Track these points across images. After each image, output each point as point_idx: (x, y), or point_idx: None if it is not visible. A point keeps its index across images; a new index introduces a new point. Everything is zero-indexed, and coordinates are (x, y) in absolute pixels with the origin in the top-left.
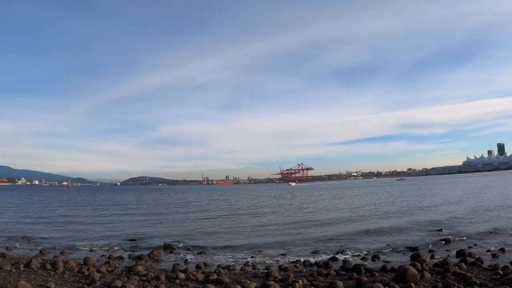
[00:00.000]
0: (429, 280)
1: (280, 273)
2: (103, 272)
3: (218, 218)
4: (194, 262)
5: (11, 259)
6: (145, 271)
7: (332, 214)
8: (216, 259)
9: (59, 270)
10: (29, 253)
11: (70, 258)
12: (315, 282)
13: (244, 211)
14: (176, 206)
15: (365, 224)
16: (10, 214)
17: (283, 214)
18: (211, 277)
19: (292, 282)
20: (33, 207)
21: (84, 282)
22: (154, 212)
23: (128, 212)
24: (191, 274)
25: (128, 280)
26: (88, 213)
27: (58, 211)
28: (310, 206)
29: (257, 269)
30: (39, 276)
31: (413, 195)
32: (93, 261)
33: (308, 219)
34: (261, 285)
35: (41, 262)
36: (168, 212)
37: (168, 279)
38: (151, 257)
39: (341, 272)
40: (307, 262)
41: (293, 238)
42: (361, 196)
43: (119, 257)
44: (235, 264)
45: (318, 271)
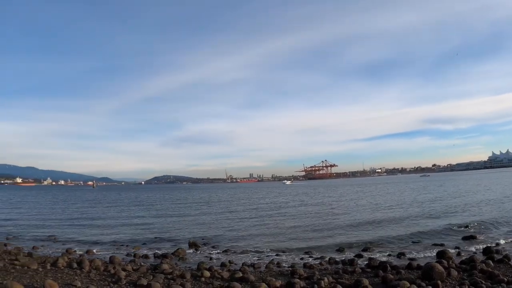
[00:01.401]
0: (455, 277)
1: (305, 270)
2: (129, 270)
3: (242, 216)
4: (219, 260)
5: (37, 258)
6: (170, 269)
7: (355, 211)
8: (241, 257)
9: (85, 268)
10: (55, 252)
11: (96, 257)
12: (341, 280)
13: (268, 208)
14: (200, 204)
15: (389, 221)
16: (36, 214)
17: (307, 212)
18: (236, 275)
19: (318, 279)
20: (58, 206)
21: (110, 281)
22: (178, 211)
23: (153, 211)
24: (216, 272)
25: (153, 279)
26: (113, 212)
27: (83, 210)
28: (333, 203)
29: (282, 267)
30: (66, 275)
31: (436, 191)
32: (118, 260)
33: (332, 216)
34: (286, 283)
35: (67, 261)
36: (193, 210)
37: (194, 277)
38: (176, 255)
39: (366, 269)
40: (332, 259)
41: (318, 235)
42: (383, 193)
43: (144, 256)
44: (260, 262)
45: (344, 268)
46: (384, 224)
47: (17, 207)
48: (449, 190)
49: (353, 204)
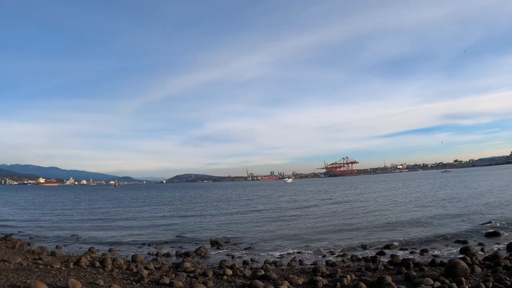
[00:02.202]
0: (479, 274)
1: (327, 268)
2: (151, 269)
3: (264, 213)
4: (241, 258)
5: (61, 257)
6: (192, 268)
7: (377, 207)
8: (263, 255)
9: (107, 267)
10: (78, 251)
11: (118, 255)
12: (363, 277)
13: (288, 206)
14: (222, 202)
15: (411, 217)
16: (59, 214)
17: (328, 209)
18: (259, 273)
19: (340, 277)
20: (81, 206)
21: (132, 279)
22: (200, 209)
23: (175, 209)
24: (239, 270)
25: (175, 277)
26: (135, 211)
27: (105, 209)
28: (354, 200)
29: (305, 264)
30: (88, 274)
31: (457, 188)
32: (141, 258)
33: (353, 213)
34: (308, 280)
35: (90, 260)
36: (214, 209)
37: (216, 275)
38: (198, 253)
39: (389, 266)
40: (354, 257)
41: (340, 232)
42: (403, 189)
43: (166, 254)
44: (282, 260)
45: (366, 266)
46: (406, 221)
47: (40, 207)
48: (470, 186)
49: (374, 201)
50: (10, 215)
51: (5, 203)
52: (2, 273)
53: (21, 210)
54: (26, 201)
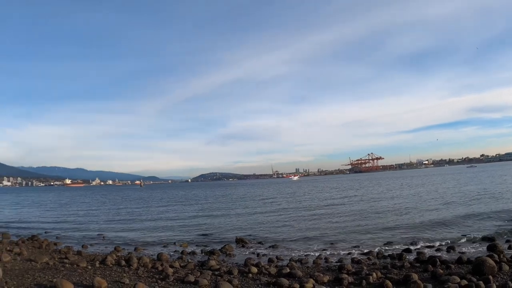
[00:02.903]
0: (507, 272)
1: (353, 265)
2: (176, 267)
3: (289, 211)
4: (267, 256)
5: (87, 256)
6: (217, 266)
7: (403, 204)
8: (288, 252)
9: (133, 266)
10: (104, 250)
11: (144, 254)
12: (389, 275)
13: (313, 203)
14: (247, 200)
15: (436, 214)
16: (85, 213)
17: (351, 206)
18: (284, 271)
19: (366, 275)
20: (107, 206)
21: (158, 278)
22: (225, 207)
23: (200, 208)
24: (264, 268)
25: (201, 275)
26: (161, 210)
27: (131, 209)
28: (378, 196)
29: (330, 262)
30: (114, 272)
31: (483, 182)
32: (166, 257)
33: (378, 210)
34: (334, 278)
35: (116, 259)
36: (239, 207)
37: (241, 273)
38: (223, 251)
39: (415, 264)
40: (380, 254)
41: (365, 229)
42: (429, 185)
43: (192, 252)
44: (307, 258)
45: (392, 263)
46: (432, 218)
47: (66, 207)
48: (497, 182)
49: (400, 198)
50: (37, 215)
51: (32, 204)
52: (29, 272)
53: (48, 211)
54: (52, 202)
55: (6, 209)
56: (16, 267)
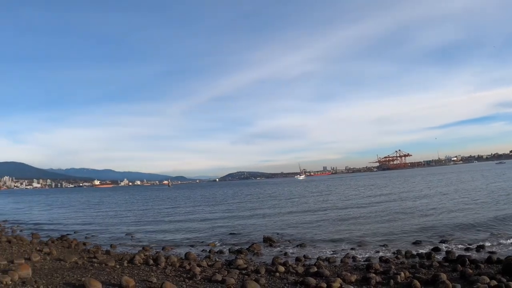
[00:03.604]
0: None
1: (381, 265)
2: (204, 266)
3: (317, 210)
4: (294, 254)
5: (115, 255)
6: (245, 265)
7: (431, 201)
8: (316, 251)
9: (161, 265)
10: (132, 249)
11: (171, 253)
12: (418, 275)
13: (340, 201)
14: (274, 199)
15: (465, 213)
16: (114, 213)
17: (379, 204)
18: (311, 270)
19: (394, 274)
20: (135, 206)
21: (185, 277)
22: (252, 206)
23: (228, 207)
24: (291, 267)
25: (228, 274)
26: (189, 210)
27: (159, 208)
28: (406, 194)
29: (358, 261)
30: (142, 271)
31: None
32: (194, 256)
33: (406, 208)
34: (362, 277)
35: (144, 258)
36: (267, 205)
37: (268, 272)
38: (251, 250)
39: (444, 263)
40: (408, 253)
41: (393, 228)
42: (457, 182)
43: (219, 251)
44: (335, 256)
45: (421, 262)
46: (461, 216)
47: (95, 207)
48: None
49: (428, 195)
50: (66, 216)
51: (61, 205)
52: (58, 271)
53: (77, 211)
54: (81, 203)
55: (36, 210)
56: (46, 266)
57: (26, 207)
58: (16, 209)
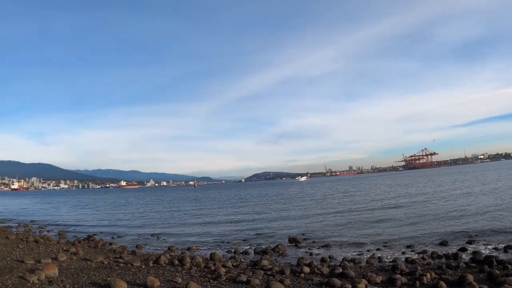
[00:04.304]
0: None
1: (407, 265)
2: (229, 267)
3: (342, 210)
4: (319, 255)
5: (141, 256)
6: (270, 265)
7: (457, 201)
8: (341, 252)
9: (186, 265)
10: (158, 250)
11: (197, 254)
12: (444, 276)
13: (365, 201)
14: (299, 199)
15: (492, 212)
16: (140, 214)
17: (405, 205)
18: (336, 271)
19: (420, 275)
20: (161, 206)
21: (210, 277)
22: (278, 206)
23: (253, 207)
24: (316, 267)
25: (253, 275)
26: (214, 210)
27: (185, 209)
28: (432, 193)
29: (383, 262)
30: (167, 272)
31: None
32: (219, 257)
33: (432, 208)
34: (387, 278)
35: (169, 258)
36: (292, 206)
37: (293, 273)
38: (276, 251)
39: (471, 264)
40: (435, 253)
41: (419, 229)
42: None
43: (244, 252)
44: (360, 257)
45: (447, 263)
46: (489, 215)
47: (121, 208)
48: None
49: (454, 195)
50: (92, 216)
51: (88, 206)
52: (84, 271)
53: (103, 212)
54: (108, 203)
55: (63, 211)
56: (72, 266)
57: (53, 208)
58: (44, 210)
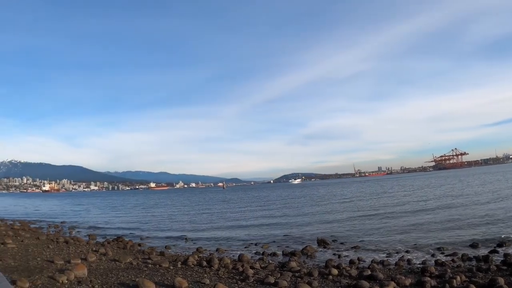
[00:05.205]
0: None
1: (436, 268)
2: (257, 268)
3: (371, 211)
4: (348, 257)
5: (169, 257)
6: (298, 267)
7: (487, 203)
8: (370, 254)
9: (214, 266)
10: (186, 251)
11: (225, 255)
12: (474, 279)
13: (393, 203)
14: (328, 200)
15: None
16: (169, 215)
17: (435, 205)
18: (365, 273)
19: (449, 278)
20: (190, 208)
21: (238, 279)
22: (306, 207)
23: (282, 209)
24: (344, 269)
25: (280, 276)
26: (243, 211)
27: (214, 210)
28: (462, 196)
29: (412, 264)
30: (195, 273)
31: None
32: (247, 258)
33: (462, 210)
34: (416, 281)
35: (197, 260)
36: (320, 207)
37: (321, 275)
38: (304, 252)
39: (502, 267)
40: (465, 256)
41: (450, 230)
42: None
43: (272, 253)
44: (389, 259)
45: (477, 266)
46: None
47: (151, 209)
48: None
49: (485, 196)
50: (122, 217)
51: (118, 207)
52: (113, 271)
53: (133, 213)
54: (137, 205)
55: (93, 212)
56: (101, 266)
57: (83, 209)
58: (74, 211)
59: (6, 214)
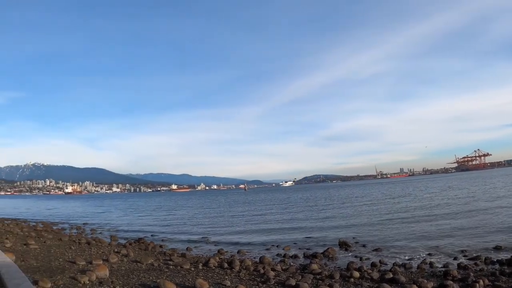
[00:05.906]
0: None
1: (459, 271)
2: (278, 270)
3: (393, 213)
4: (370, 260)
5: (190, 258)
6: (319, 270)
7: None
8: (392, 257)
9: (235, 268)
10: (207, 252)
11: (246, 257)
12: (497, 283)
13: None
14: (349, 202)
15: None
16: (191, 217)
17: (458, 208)
18: (386, 276)
19: (472, 282)
20: (211, 209)
21: (259, 281)
22: (328, 209)
23: (303, 211)
24: (366, 272)
25: (302, 279)
26: (264, 213)
27: (235, 212)
28: (485, 199)
29: (435, 267)
30: (216, 275)
31: None
32: (268, 260)
33: (485, 212)
34: (438, 284)
35: (219, 261)
36: (343, 209)
37: (342, 278)
38: (325, 255)
39: None
40: (488, 259)
41: (472, 233)
42: None
43: (294, 256)
44: (411, 262)
45: (501, 270)
46: None
47: (173, 211)
48: None
49: (507, 198)
50: (144, 219)
51: (139, 208)
52: (134, 272)
53: (154, 215)
54: (159, 206)
55: (115, 214)
56: (123, 267)
57: (105, 211)
58: (96, 213)
59: (29, 216)
